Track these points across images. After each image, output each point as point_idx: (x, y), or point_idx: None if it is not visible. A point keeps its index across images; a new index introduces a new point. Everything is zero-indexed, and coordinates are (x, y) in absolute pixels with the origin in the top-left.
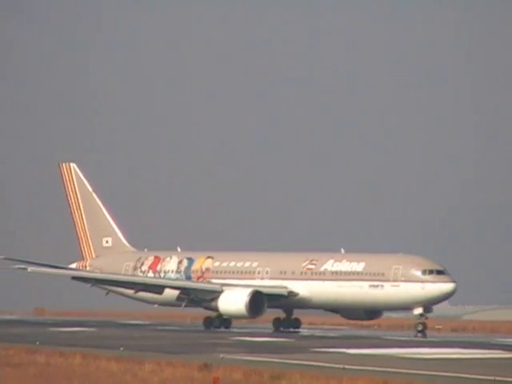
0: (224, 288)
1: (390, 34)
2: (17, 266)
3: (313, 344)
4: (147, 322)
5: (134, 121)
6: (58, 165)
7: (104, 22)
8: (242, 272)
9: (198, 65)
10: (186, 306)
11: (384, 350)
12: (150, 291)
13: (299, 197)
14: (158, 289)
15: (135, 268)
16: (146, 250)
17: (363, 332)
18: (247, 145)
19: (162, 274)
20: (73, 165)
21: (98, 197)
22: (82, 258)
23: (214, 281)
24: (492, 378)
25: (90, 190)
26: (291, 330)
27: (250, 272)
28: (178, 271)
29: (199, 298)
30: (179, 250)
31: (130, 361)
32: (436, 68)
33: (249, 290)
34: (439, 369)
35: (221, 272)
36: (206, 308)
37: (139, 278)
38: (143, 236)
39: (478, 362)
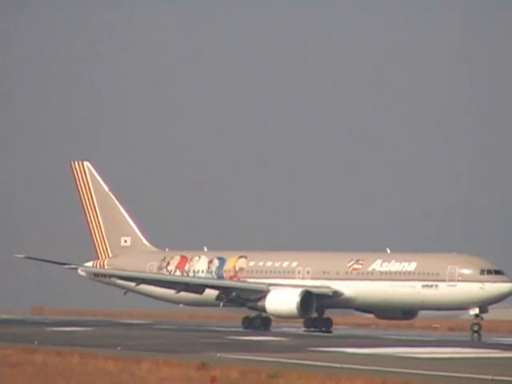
0: (270, 288)
1: (390, 34)
2: (67, 266)
3: (310, 343)
4: (145, 322)
5: (150, 117)
6: (70, 163)
7: (115, 20)
8: (280, 272)
9: (215, 60)
10: (223, 306)
11: (381, 350)
12: (192, 291)
13: (329, 196)
14: (201, 288)
15: (160, 268)
16: (167, 249)
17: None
18: (267, 141)
19: (191, 274)
20: (86, 163)
21: (114, 195)
22: (97, 257)
23: (259, 280)
24: (490, 377)
25: (106, 188)
26: (323, 329)
27: (288, 272)
28: (208, 271)
29: (242, 297)
30: (206, 249)
31: (127, 360)
32: (436, 67)
33: (299, 290)
34: (437, 368)
35: (256, 272)
36: (251, 308)
37: (191, 278)
38: (162, 235)
39: (475, 362)
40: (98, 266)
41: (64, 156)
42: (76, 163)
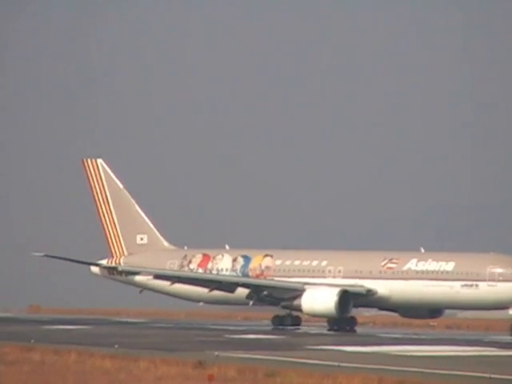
0: (306, 287)
1: (389, 34)
2: (105, 265)
3: (308, 341)
4: (142, 320)
5: (164, 114)
6: (82, 161)
7: (130, 17)
8: (308, 271)
9: (228, 57)
10: (253, 305)
11: (379, 348)
12: (224, 290)
13: (354, 194)
14: (234, 287)
15: (181, 266)
16: (185, 247)
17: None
18: (285, 137)
19: (215, 272)
20: (99, 160)
21: (129, 193)
22: (111, 255)
23: (294, 279)
24: (487, 375)
25: (121, 186)
26: (347, 328)
27: (318, 271)
28: (233, 269)
29: (275, 296)
30: (227, 247)
31: (124, 358)
32: (436, 67)
33: (337, 289)
34: (434, 366)
35: (284, 271)
36: (285, 307)
37: (234, 277)
38: (179, 233)
39: (472, 360)
40: (113, 264)
41: (71, 153)
42: (89, 160)
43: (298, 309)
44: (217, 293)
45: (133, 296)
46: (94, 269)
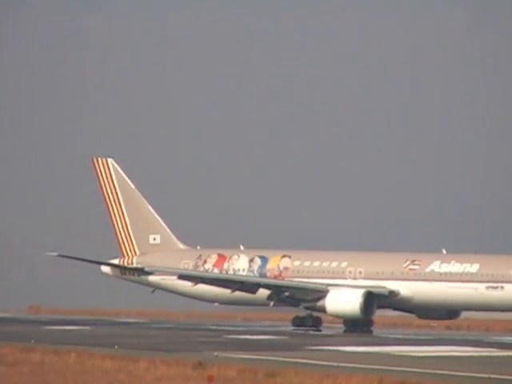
0: (329, 288)
1: (389, 34)
2: (134, 266)
3: (307, 342)
4: (142, 320)
5: (173, 113)
6: (92, 160)
7: (133, 16)
8: (328, 272)
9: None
10: (273, 306)
11: (378, 348)
12: (245, 290)
13: (369, 195)
14: (256, 287)
15: (196, 266)
16: (198, 247)
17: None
18: (300, 135)
19: (231, 272)
20: (110, 160)
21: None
22: (122, 255)
23: (316, 281)
24: (487, 375)
25: (132, 186)
26: (364, 329)
27: (338, 272)
28: (250, 270)
29: (297, 297)
30: (242, 247)
31: (124, 359)
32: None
33: (362, 291)
34: (434, 367)
35: (303, 271)
36: (307, 308)
37: (258, 278)
38: (191, 233)
39: (472, 360)
40: (126, 264)
41: (80, 152)
42: (99, 160)
43: (322, 310)
44: (233, 293)
45: (133, 296)
46: (105, 268)
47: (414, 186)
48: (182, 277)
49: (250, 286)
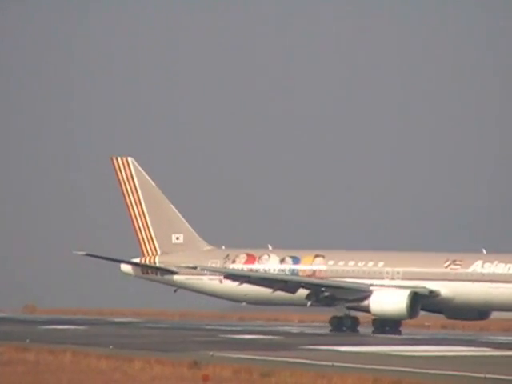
0: (372, 288)
1: (391, 34)
2: (184, 265)
3: (302, 342)
4: (137, 320)
5: (194, 110)
6: (112, 159)
7: (160, 15)
8: (364, 272)
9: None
10: (311, 306)
11: (373, 348)
12: (287, 290)
13: (397, 195)
14: (297, 287)
15: (224, 266)
16: (223, 247)
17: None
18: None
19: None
20: (130, 159)
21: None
22: (143, 255)
23: (359, 281)
24: (482, 375)
25: (154, 184)
26: (393, 329)
27: (375, 272)
28: (281, 270)
29: (339, 297)
30: (270, 247)
31: (119, 359)
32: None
33: (407, 291)
34: (429, 366)
35: (337, 271)
36: (350, 308)
37: (306, 278)
38: (214, 233)
39: (467, 360)
40: (149, 263)
41: (98, 151)
42: (119, 158)
43: (365, 310)
44: (263, 293)
45: (134, 296)
46: (125, 268)
47: (450, 186)
48: (228, 276)
49: (292, 286)
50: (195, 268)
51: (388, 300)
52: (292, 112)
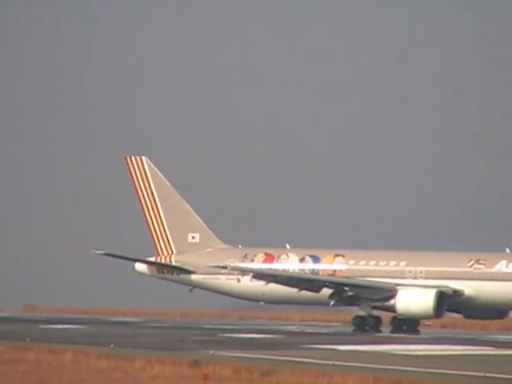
0: (398, 287)
1: (392, 34)
2: (214, 265)
3: (303, 340)
4: (138, 319)
5: (210, 108)
6: (125, 158)
7: (174, 14)
8: (386, 271)
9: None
10: (333, 305)
11: (374, 347)
12: (311, 289)
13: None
14: (321, 287)
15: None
16: (240, 246)
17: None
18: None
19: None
20: (144, 158)
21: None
22: (157, 254)
23: (385, 280)
24: (482, 374)
25: (168, 183)
26: (411, 328)
27: (397, 271)
28: (301, 269)
29: (364, 296)
30: (288, 246)
31: (120, 358)
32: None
33: (434, 290)
34: (429, 365)
35: (358, 271)
36: (375, 308)
37: (331, 277)
38: (229, 232)
39: (468, 359)
40: (164, 262)
41: (112, 150)
42: (133, 158)
43: (391, 309)
44: (281, 292)
45: (135, 297)
46: (140, 267)
47: (473, 185)
48: (256, 275)
49: (317, 285)
50: (225, 268)
51: (414, 299)
52: (310, 108)
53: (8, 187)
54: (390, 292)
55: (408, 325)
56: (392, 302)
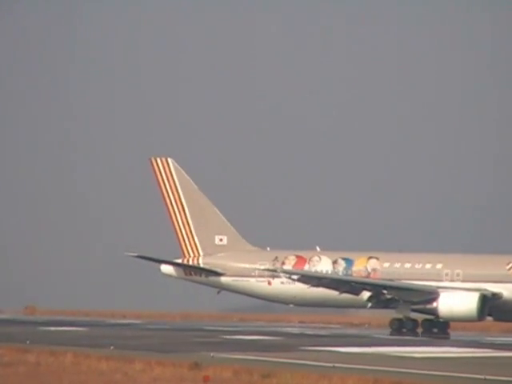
0: (439, 290)
1: (390, 34)
2: (264, 267)
3: (303, 342)
4: (138, 321)
5: (237, 110)
6: (151, 160)
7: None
8: (422, 274)
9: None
10: (371, 308)
11: (374, 349)
12: (352, 292)
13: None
14: (360, 289)
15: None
16: (268, 248)
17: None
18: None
19: None
20: (170, 159)
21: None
22: (183, 256)
23: (421, 283)
24: (482, 376)
25: (195, 185)
26: (441, 332)
27: (433, 274)
28: (334, 272)
29: (404, 299)
30: (318, 249)
31: (120, 360)
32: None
33: (477, 293)
34: (429, 368)
35: (393, 273)
36: (416, 310)
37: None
38: (257, 234)
39: (468, 361)
40: (192, 264)
41: (136, 152)
42: (158, 160)
43: (432, 312)
44: (311, 295)
45: (135, 297)
46: (166, 269)
47: (509, 187)
48: (302, 278)
49: (358, 288)
50: (275, 271)
51: (457, 302)
52: (344, 110)
53: (9, 188)
54: (432, 295)
55: (439, 327)
56: (434, 304)
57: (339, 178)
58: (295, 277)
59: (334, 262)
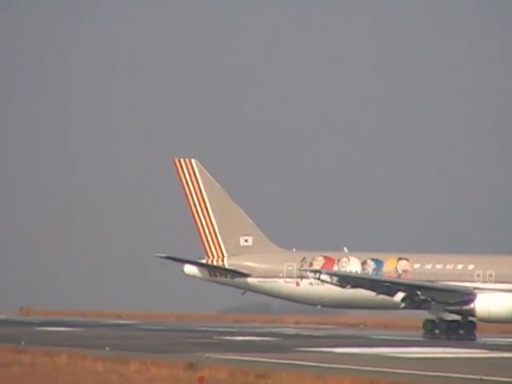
0: (476, 291)
1: (389, 34)
2: (310, 269)
3: (298, 343)
4: (133, 322)
5: (259, 112)
6: (174, 161)
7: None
8: (453, 274)
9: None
10: (403, 308)
11: (370, 350)
12: (388, 293)
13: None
14: (395, 290)
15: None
16: (294, 249)
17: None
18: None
19: None
20: (194, 160)
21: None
22: (207, 257)
23: (453, 283)
24: (478, 377)
25: (219, 186)
26: (462, 333)
27: (465, 275)
28: (363, 273)
29: (439, 300)
30: (346, 249)
31: (115, 360)
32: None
33: None
34: (425, 368)
35: (424, 274)
36: (452, 311)
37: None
38: (282, 235)
39: (464, 362)
40: (216, 265)
41: (159, 153)
42: (182, 160)
43: (469, 313)
44: (339, 295)
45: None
46: (190, 270)
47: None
48: (343, 279)
49: (394, 289)
50: (319, 272)
51: (495, 303)
52: (354, 113)
53: (9, 187)
54: (469, 296)
55: (465, 329)
56: (471, 305)
57: (362, 178)
58: (328, 278)
59: (364, 263)
